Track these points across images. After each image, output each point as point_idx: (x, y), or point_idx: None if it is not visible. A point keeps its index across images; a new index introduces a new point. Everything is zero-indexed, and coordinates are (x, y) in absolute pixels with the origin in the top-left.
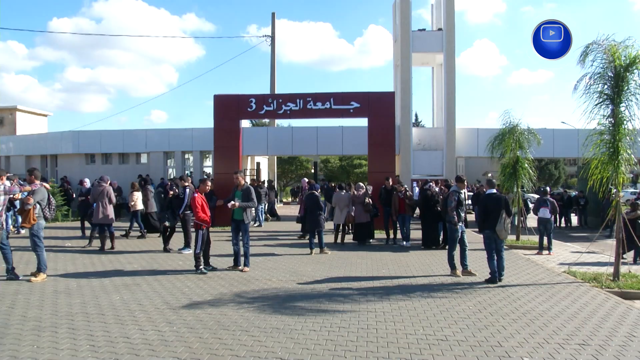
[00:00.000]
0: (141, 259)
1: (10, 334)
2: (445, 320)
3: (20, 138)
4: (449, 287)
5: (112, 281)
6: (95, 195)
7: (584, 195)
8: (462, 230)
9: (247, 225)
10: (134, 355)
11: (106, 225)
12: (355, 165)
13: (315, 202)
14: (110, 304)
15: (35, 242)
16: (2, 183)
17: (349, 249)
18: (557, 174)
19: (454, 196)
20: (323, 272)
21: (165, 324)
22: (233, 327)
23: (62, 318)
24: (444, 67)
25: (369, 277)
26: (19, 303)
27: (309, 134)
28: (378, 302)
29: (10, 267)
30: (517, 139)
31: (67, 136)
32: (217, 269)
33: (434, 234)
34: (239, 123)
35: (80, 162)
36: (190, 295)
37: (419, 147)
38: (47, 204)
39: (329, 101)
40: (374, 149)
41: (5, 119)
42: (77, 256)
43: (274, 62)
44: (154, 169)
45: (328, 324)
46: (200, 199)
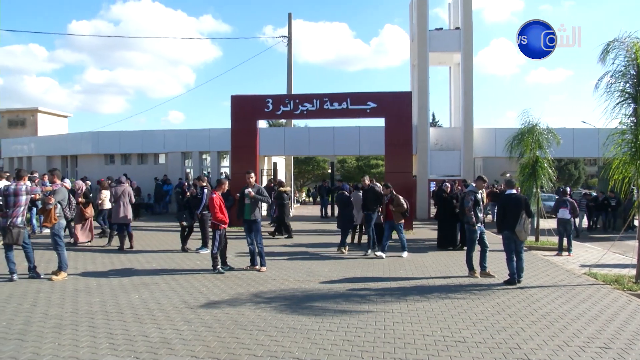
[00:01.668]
0: (159, 259)
1: (32, 332)
2: (463, 322)
3: (41, 139)
4: (467, 288)
5: (131, 280)
6: (115, 196)
7: (615, 196)
8: (482, 230)
9: (259, 224)
10: (153, 353)
11: (125, 225)
12: (372, 166)
13: (345, 201)
14: (129, 303)
15: (56, 241)
16: (24, 183)
17: (366, 249)
18: (577, 174)
19: (470, 196)
20: (340, 272)
21: (183, 322)
22: (250, 327)
23: (82, 316)
24: (462, 67)
25: (386, 278)
26: (41, 301)
27: (326, 134)
28: (395, 303)
29: (32, 265)
30: (536, 139)
31: (86, 137)
32: (234, 268)
33: (451, 235)
34: (255, 123)
35: (100, 162)
36: (207, 295)
37: (436, 147)
38: (67, 203)
39: (345, 101)
40: (390, 149)
41: (26, 120)
42: (97, 255)
43: (290, 63)
44: (172, 169)
45: (345, 324)
46: (218, 199)
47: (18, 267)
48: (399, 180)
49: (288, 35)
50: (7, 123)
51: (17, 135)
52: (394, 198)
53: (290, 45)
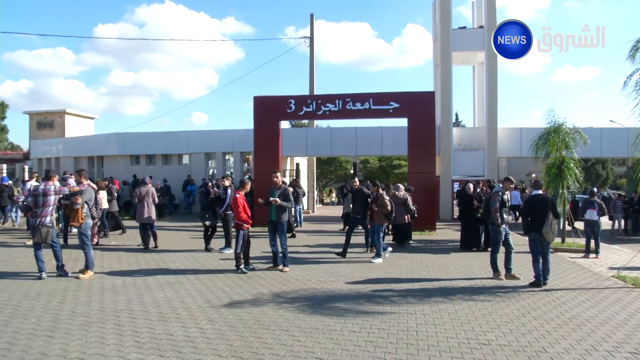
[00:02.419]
0: (183, 258)
1: (60, 329)
2: (487, 324)
3: (68, 140)
4: (491, 290)
5: (155, 279)
6: (139, 196)
7: None
8: (507, 232)
9: (284, 225)
10: (177, 352)
11: (149, 225)
12: (395, 166)
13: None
14: (154, 302)
15: (83, 241)
16: (53, 184)
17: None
18: (604, 175)
19: (497, 197)
20: (362, 272)
21: (207, 322)
22: (273, 327)
23: (108, 314)
24: (485, 66)
25: (408, 279)
26: (68, 299)
27: (348, 134)
28: (418, 304)
29: (60, 264)
30: (563, 139)
31: (112, 138)
32: (256, 268)
33: (474, 236)
34: (278, 124)
35: (125, 163)
36: (231, 295)
37: (459, 148)
38: (94, 203)
39: (368, 102)
40: (413, 150)
41: (55, 122)
42: (122, 254)
43: (312, 63)
44: (196, 170)
45: (367, 325)
46: (241, 200)
47: (47, 266)
48: (422, 180)
49: (310, 35)
50: (36, 125)
51: (46, 136)
52: (378, 197)
53: (312, 46)
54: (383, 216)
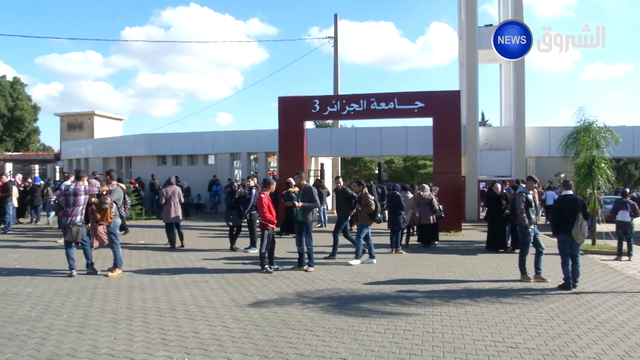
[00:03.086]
0: (209, 257)
1: (90, 325)
2: (515, 327)
3: (97, 141)
4: (519, 292)
5: (182, 278)
6: (166, 196)
7: None
8: (536, 232)
9: (309, 226)
10: (203, 349)
11: (175, 224)
12: (420, 166)
13: (396, 202)
14: (181, 300)
15: (111, 239)
16: (83, 183)
17: (414, 250)
18: (637, 174)
19: (521, 198)
20: (387, 273)
21: (232, 320)
22: (298, 326)
23: (136, 312)
24: (513, 64)
25: (434, 280)
26: (98, 296)
27: (373, 134)
28: (444, 306)
29: (89, 262)
30: (593, 138)
31: (140, 139)
32: (281, 268)
33: (501, 236)
34: (303, 124)
35: (153, 163)
36: (256, 294)
37: (486, 147)
38: (122, 203)
39: (392, 101)
40: (439, 149)
41: (84, 123)
42: (150, 253)
43: (336, 63)
44: (221, 170)
45: (392, 326)
46: (266, 200)
47: (77, 264)
48: (448, 181)
49: (334, 36)
50: (66, 126)
51: (76, 137)
52: (363, 197)
53: (336, 46)
54: (367, 216)
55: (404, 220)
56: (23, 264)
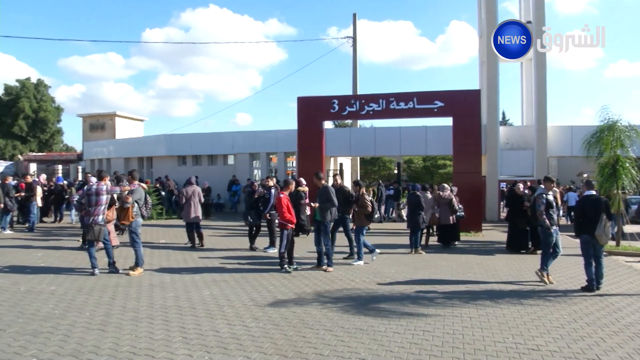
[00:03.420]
0: (228, 257)
1: (112, 323)
2: (536, 329)
3: (119, 142)
4: (540, 294)
5: (202, 277)
6: (186, 196)
7: None
8: (557, 233)
9: (327, 226)
10: (223, 348)
11: (195, 224)
12: (440, 166)
13: (416, 202)
14: (201, 299)
15: (133, 239)
16: (105, 183)
17: (433, 251)
18: None
19: (541, 199)
20: (407, 274)
21: (251, 320)
22: (317, 326)
23: (157, 310)
24: (534, 62)
25: (454, 281)
26: (119, 295)
27: (392, 134)
28: (464, 307)
29: (111, 261)
30: (617, 137)
31: (161, 139)
32: (300, 268)
33: (522, 237)
34: (321, 124)
35: (173, 163)
36: (275, 293)
37: (506, 147)
38: (144, 202)
39: (412, 101)
40: (459, 149)
41: (106, 124)
42: (171, 253)
43: (355, 63)
44: (240, 170)
45: (412, 327)
46: (285, 200)
47: (99, 263)
48: (468, 180)
49: (353, 35)
50: (88, 127)
51: (98, 138)
52: (359, 198)
53: (355, 46)
54: (364, 217)
55: (424, 220)
56: (47, 262)
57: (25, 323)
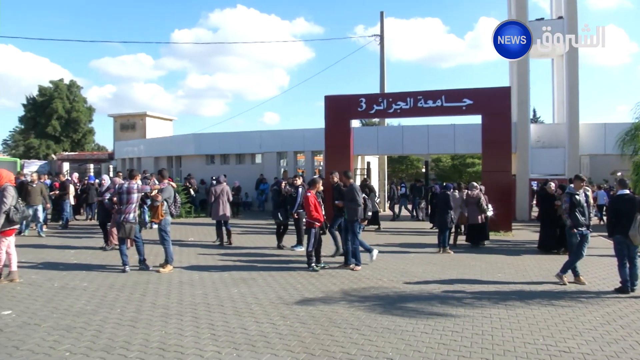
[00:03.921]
0: (256, 255)
1: (142, 319)
2: (568, 331)
3: (149, 141)
4: (572, 295)
5: (230, 275)
6: (215, 194)
7: None
8: (583, 234)
9: (355, 224)
10: (251, 345)
11: (224, 222)
12: (468, 165)
13: (445, 201)
14: (229, 296)
15: (162, 236)
16: (136, 182)
17: (462, 250)
18: None
19: (565, 198)
20: (435, 273)
21: (279, 317)
22: (344, 325)
23: (186, 307)
24: (566, 58)
25: (483, 281)
26: (150, 291)
27: (420, 132)
28: (493, 308)
29: (142, 258)
30: None
31: (189, 139)
32: (327, 266)
33: (554, 237)
34: (349, 123)
35: (201, 162)
36: (302, 292)
37: (537, 145)
38: (173, 201)
39: (440, 99)
40: (488, 147)
41: (136, 124)
42: (199, 250)
43: (383, 61)
44: (268, 169)
45: (440, 327)
46: (313, 198)
47: (130, 260)
48: (497, 179)
49: (380, 33)
50: (119, 127)
51: (128, 138)
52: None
53: (382, 44)
54: None
55: (452, 219)
56: (79, 259)
57: (59, 318)
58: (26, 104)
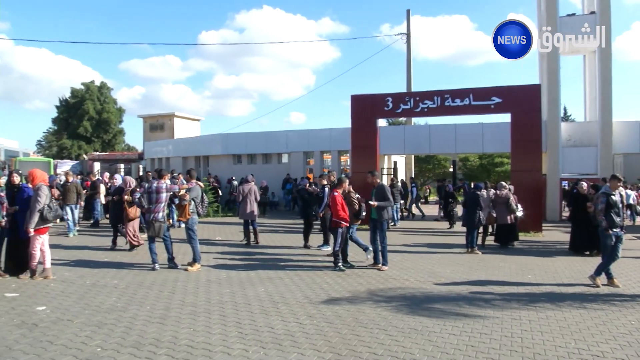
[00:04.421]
0: (282, 254)
1: (171, 317)
2: (601, 335)
3: (177, 141)
4: (605, 298)
5: (257, 274)
6: (242, 193)
7: None
8: (619, 235)
9: (384, 224)
10: (278, 344)
11: (251, 221)
12: (497, 164)
13: (475, 200)
14: (256, 295)
15: (190, 235)
16: (164, 182)
17: (490, 251)
18: None
19: (601, 198)
20: (462, 274)
21: (305, 317)
22: (371, 325)
23: (214, 305)
24: (598, 55)
25: (512, 282)
26: (178, 290)
27: (447, 131)
28: (523, 310)
29: (170, 256)
30: None
31: (216, 139)
32: (354, 266)
33: (586, 239)
34: (375, 122)
35: (228, 162)
36: (329, 291)
37: (568, 144)
38: (200, 200)
39: (468, 97)
40: (517, 146)
41: (165, 124)
42: (226, 249)
43: (409, 60)
44: (294, 169)
45: (468, 329)
46: (340, 198)
47: (159, 258)
48: (527, 179)
49: (407, 32)
50: (149, 127)
51: (157, 138)
52: (346, 196)
53: (409, 42)
54: (352, 215)
55: (480, 219)
56: (110, 257)
57: (91, 315)
58: (59, 105)
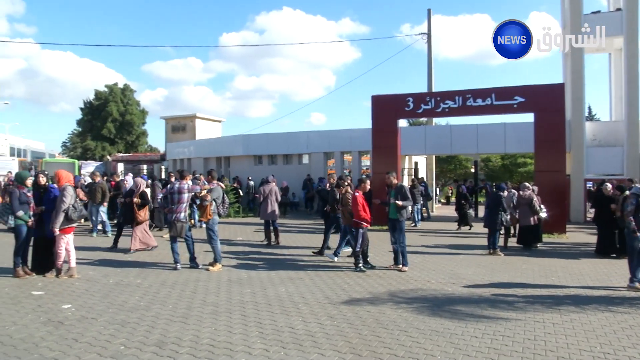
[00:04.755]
0: (303, 255)
1: (193, 316)
2: (627, 339)
3: (199, 142)
4: (631, 301)
5: (277, 274)
6: (264, 194)
7: None
8: None
9: (402, 223)
10: (298, 345)
11: (272, 221)
12: (519, 164)
13: (497, 201)
14: (277, 295)
15: (210, 236)
16: (186, 182)
17: (513, 253)
18: None
19: (631, 199)
20: (485, 276)
21: (326, 317)
22: (391, 326)
23: (235, 305)
24: (624, 53)
25: (535, 285)
26: (200, 289)
27: (469, 131)
28: (546, 312)
29: (192, 256)
30: None
31: (238, 140)
32: (375, 267)
33: (612, 241)
34: (396, 123)
35: (249, 163)
36: (349, 292)
37: (593, 144)
38: (221, 201)
39: (490, 97)
40: (541, 147)
41: (187, 125)
42: (247, 249)
43: (430, 60)
44: (315, 169)
45: (490, 331)
46: (360, 198)
47: (180, 258)
48: (551, 179)
49: (428, 32)
50: (170, 129)
51: (179, 139)
52: (343, 197)
53: (430, 42)
54: (348, 216)
55: (502, 221)
56: (133, 257)
57: (114, 313)
58: (83, 107)
